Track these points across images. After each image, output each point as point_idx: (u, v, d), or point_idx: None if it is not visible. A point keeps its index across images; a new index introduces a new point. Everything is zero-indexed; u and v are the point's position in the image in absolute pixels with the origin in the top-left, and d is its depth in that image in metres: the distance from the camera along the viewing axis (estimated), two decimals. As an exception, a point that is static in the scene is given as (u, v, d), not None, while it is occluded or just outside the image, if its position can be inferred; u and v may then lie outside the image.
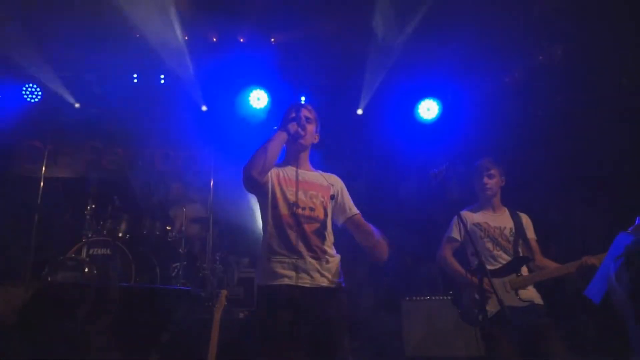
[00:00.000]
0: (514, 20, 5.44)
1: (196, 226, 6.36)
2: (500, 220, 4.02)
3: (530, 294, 3.76)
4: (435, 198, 4.83)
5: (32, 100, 7.06)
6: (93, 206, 5.87)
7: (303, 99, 6.81)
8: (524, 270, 3.85)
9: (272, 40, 6.37)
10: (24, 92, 7.05)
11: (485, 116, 6.47)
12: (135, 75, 6.90)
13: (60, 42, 6.39)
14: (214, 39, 6.57)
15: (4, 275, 5.68)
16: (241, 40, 6.48)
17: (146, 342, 1.98)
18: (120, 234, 5.83)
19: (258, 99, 6.90)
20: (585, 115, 5.46)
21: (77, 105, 7.08)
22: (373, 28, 5.72)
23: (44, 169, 5.98)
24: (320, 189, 3.03)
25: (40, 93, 7.05)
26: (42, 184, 5.88)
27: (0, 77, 7.01)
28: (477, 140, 6.38)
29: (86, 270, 5.18)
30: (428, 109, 6.99)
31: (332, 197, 3.02)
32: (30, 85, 7.04)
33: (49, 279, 5.09)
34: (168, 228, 6.14)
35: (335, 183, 3.14)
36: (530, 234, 4.02)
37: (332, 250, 2.97)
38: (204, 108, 7.07)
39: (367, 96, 6.82)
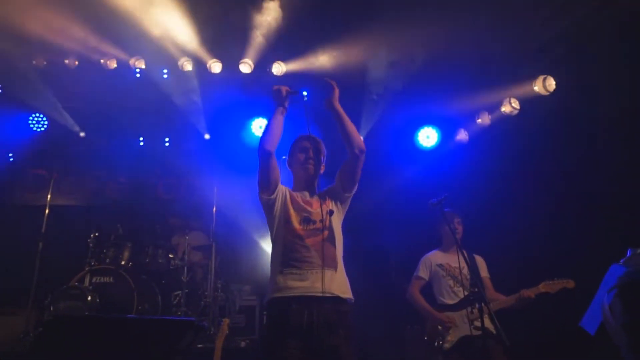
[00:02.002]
0: (510, 51, 5.59)
1: (198, 254, 6.40)
2: (459, 260, 4.56)
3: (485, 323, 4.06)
4: (435, 225, 4.96)
5: (38, 130, 7.19)
6: (96, 234, 5.93)
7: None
8: None
9: (273, 71, 6.50)
10: (30, 122, 7.18)
11: (483, 144, 6.59)
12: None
13: (66, 73, 6.53)
14: (218, 70, 6.70)
15: (7, 303, 5.71)
16: (244, 71, 6.61)
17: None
18: (123, 262, 5.87)
19: (260, 127, 7.02)
20: (579, 143, 5.58)
21: (82, 134, 7.20)
22: (373, 60, 5.88)
23: (49, 197, 6.06)
24: (326, 204, 3.17)
25: (46, 122, 7.18)
26: (47, 211, 5.96)
27: (7, 107, 7.15)
28: (476, 167, 6.48)
29: (89, 298, 5.21)
30: (427, 137, 7.10)
31: (331, 212, 3.11)
32: (37, 114, 7.17)
33: (51, 308, 5.12)
34: (170, 256, 6.18)
35: (327, 193, 3.25)
36: (484, 272, 4.68)
37: (341, 262, 3.06)
38: (206, 136, 7.18)
39: (368, 124, 6.93)
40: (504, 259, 5.09)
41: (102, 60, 6.45)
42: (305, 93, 3.37)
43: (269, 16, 5.71)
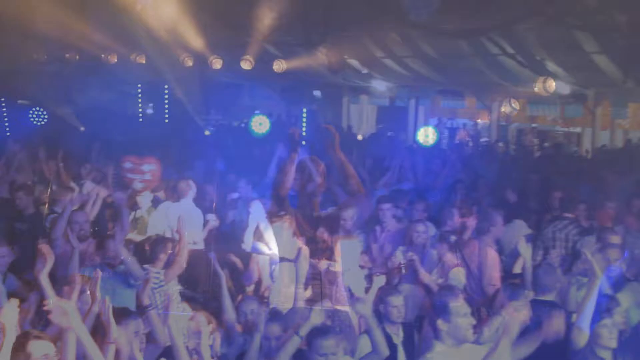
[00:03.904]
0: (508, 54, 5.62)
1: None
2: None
3: None
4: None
5: (38, 123, 7.17)
6: (96, 229, 5.92)
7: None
8: None
9: (274, 68, 6.53)
10: (30, 115, 7.16)
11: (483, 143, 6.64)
12: (140, 101, 7.03)
13: (67, 67, 6.55)
14: (218, 66, 6.72)
15: None
16: (243, 67, 6.63)
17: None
18: (122, 257, 5.87)
19: (260, 124, 7.04)
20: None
21: (82, 128, 7.19)
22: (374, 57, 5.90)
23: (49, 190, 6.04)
24: None
25: (46, 116, 7.16)
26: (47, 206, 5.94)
27: (8, 101, 7.13)
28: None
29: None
30: (427, 136, 7.18)
31: None
32: (37, 108, 7.15)
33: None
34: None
35: None
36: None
37: None
38: (207, 132, 7.20)
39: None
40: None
41: (103, 55, 6.46)
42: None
43: (270, 13, 5.73)
